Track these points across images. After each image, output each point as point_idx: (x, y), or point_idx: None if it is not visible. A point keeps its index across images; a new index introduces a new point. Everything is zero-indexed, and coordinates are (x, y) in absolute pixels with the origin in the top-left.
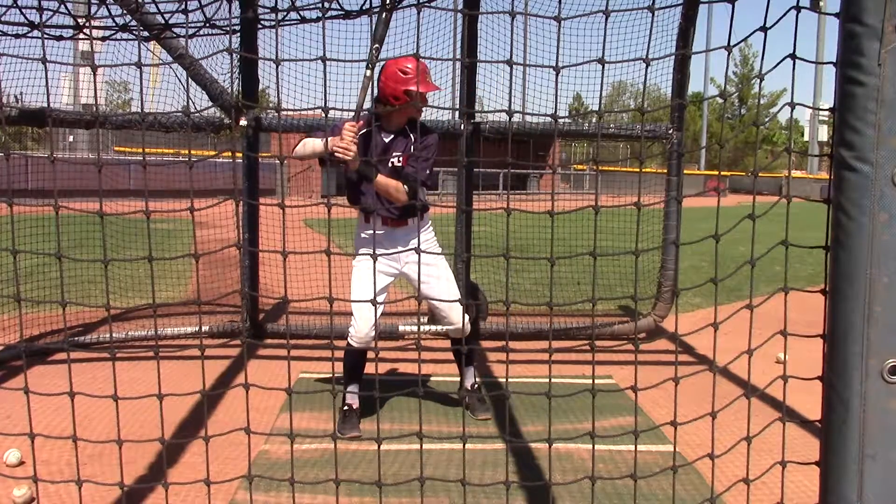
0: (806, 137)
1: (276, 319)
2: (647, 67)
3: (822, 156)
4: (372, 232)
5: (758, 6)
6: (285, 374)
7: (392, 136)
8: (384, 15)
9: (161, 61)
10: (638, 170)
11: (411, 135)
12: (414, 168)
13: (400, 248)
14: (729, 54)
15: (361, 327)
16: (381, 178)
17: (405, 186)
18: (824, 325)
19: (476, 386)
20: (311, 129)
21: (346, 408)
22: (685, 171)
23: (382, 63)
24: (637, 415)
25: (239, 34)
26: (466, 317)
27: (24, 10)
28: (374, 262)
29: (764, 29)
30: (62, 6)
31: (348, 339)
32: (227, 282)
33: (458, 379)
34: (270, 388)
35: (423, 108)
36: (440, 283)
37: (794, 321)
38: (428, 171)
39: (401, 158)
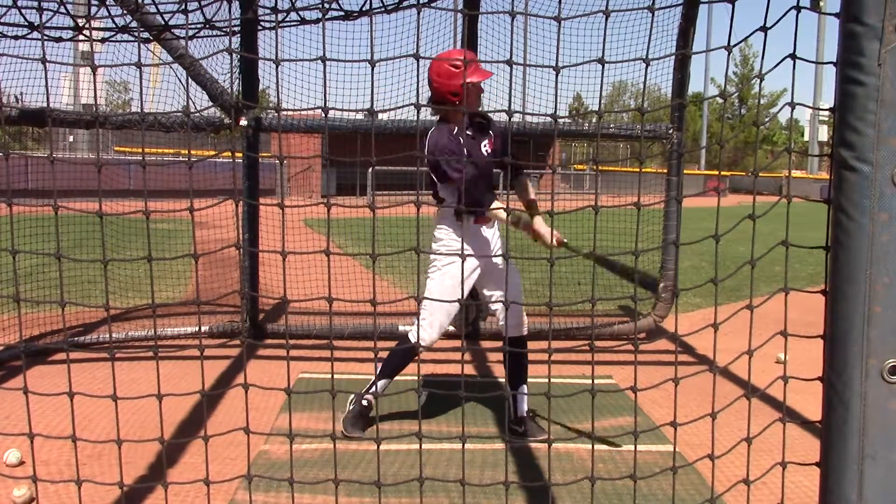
0: (806, 137)
1: (275, 319)
2: (647, 67)
3: (822, 156)
4: (462, 231)
5: (758, 6)
6: (285, 374)
7: (468, 131)
8: None
9: (161, 61)
10: (638, 170)
11: (481, 121)
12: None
13: (489, 245)
14: (729, 54)
15: (433, 334)
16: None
17: (529, 180)
18: (824, 325)
19: (531, 414)
20: (311, 129)
21: (365, 402)
22: (685, 171)
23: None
24: (637, 415)
25: (239, 35)
26: (525, 315)
27: (23, 11)
28: (462, 267)
29: (764, 29)
30: (62, 7)
31: (412, 339)
32: (227, 282)
33: (461, 379)
34: (270, 389)
35: (418, 107)
36: (512, 281)
37: (794, 321)
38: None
39: (487, 144)
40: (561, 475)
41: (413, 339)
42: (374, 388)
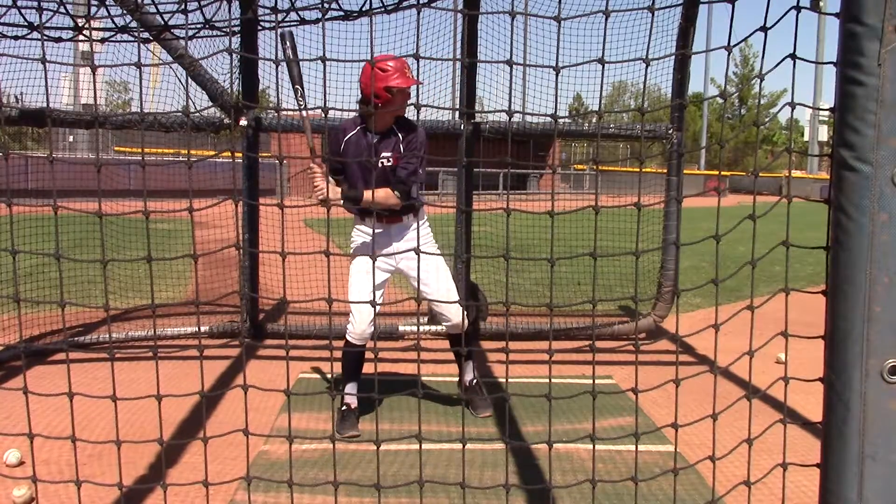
0: (806, 137)
1: (275, 320)
2: (647, 67)
3: (822, 156)
4: (369, 230)
5: (758, 6)
6: (284, 374)
7: (379, 136)
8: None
9: (161, 61)
10: (638, 170)
11: (399, 133)
12: (405, 168)
13: (395, 245)
14: (729, 54)
15: (359, 325)
16: (367, 196)
17: (395, 192)
18: (824, 325)
19: (476, 382)
20: (312, 129)
21: (344, 408)
22: (685, 171)
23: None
24: (638, 415)
25: (239, 35)
26: (463, 312)
27: (23, 11)
28: (374, 261)
29: (764, 29)
30: (62, 7)
31: (346, 336)
32: (227, 282)
33: (458, 378)
34: (269, 389)
35: (418, 107)
36: (436, 278)
37: (795, 322)
38: (419, 170)
39: (390, 158)
40: (561, 475)
41: (348, 337)
42: (344, 397)
